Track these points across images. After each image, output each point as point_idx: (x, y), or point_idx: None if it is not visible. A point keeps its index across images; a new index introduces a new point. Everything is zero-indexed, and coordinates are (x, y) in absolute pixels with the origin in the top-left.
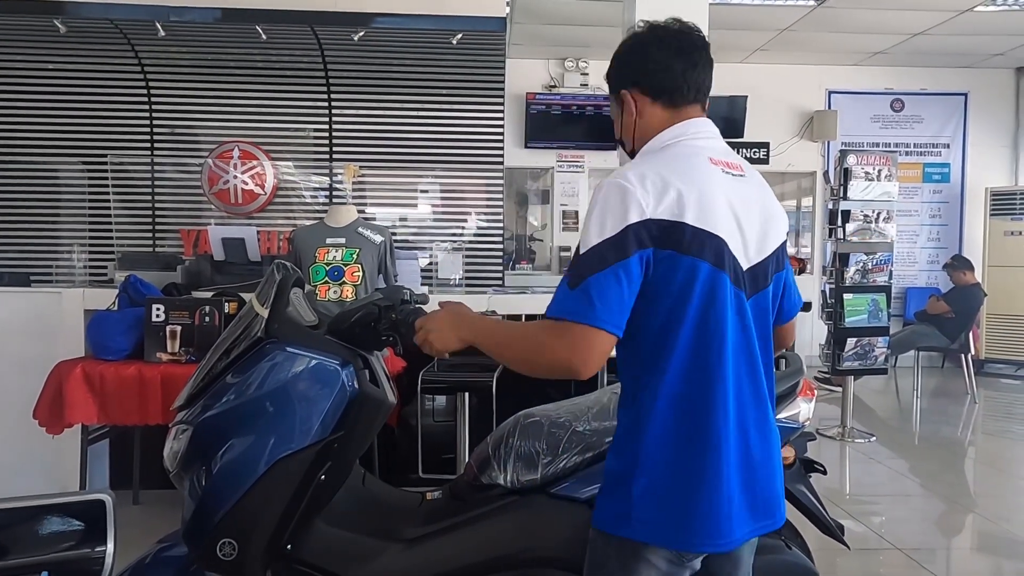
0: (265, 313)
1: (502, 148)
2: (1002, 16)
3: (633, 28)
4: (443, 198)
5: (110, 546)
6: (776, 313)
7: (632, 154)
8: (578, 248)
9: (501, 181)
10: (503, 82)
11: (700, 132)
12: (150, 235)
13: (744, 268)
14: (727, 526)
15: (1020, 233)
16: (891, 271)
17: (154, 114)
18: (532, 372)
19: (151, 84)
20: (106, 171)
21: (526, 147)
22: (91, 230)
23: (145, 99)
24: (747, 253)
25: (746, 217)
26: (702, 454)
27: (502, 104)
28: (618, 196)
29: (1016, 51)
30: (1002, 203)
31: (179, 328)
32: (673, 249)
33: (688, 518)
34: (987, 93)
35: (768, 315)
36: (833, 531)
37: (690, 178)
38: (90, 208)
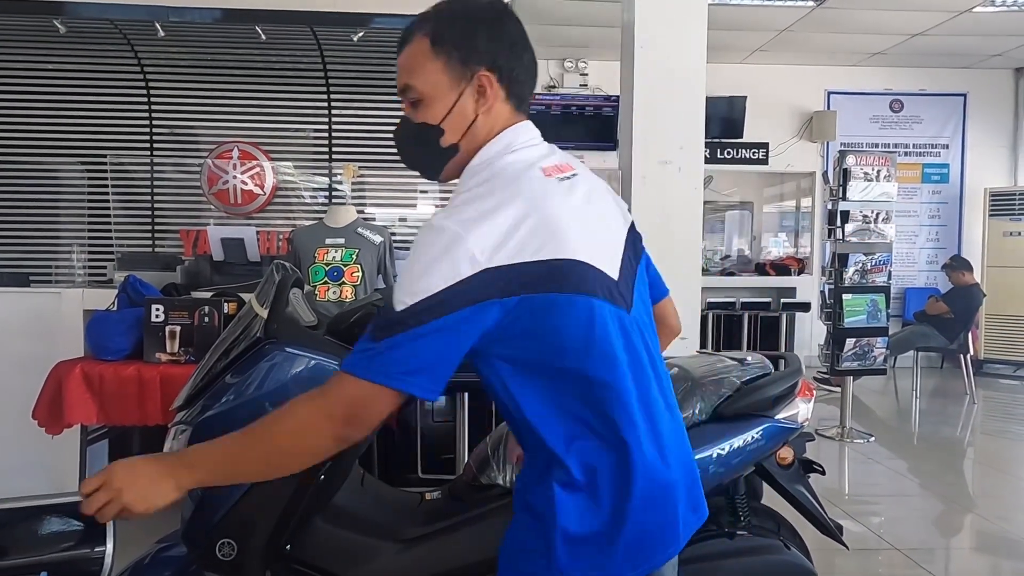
0: (264, 313)
1: None
2: (1001, 17)
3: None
4: (442, 198)
5: (109, 546)
6: None
7: (449, 151)
8: (392, 299)
9: None
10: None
11: (529, 140)
12: (149, 235)
13: (615, 279)
14: (663, 546)
15: (1019, 234)
16: (890, 271)
17: (154, 114)
18: (308, 455)
19: (151, 84)
20: (105, 171)
21: None
22: (90, 230)
23: (145, 99)
24: (608, 261)
25: (593, 222)
26: (629, 490)
27: None
28: (444, 244)
29: (1015, 52)
30: (1001, 204)
31: (178, 328)
32: (530, 293)
33: (624, 557)
34: (986, 94)
35: (651, 313)
36: (832, 531)
37: (529, 204)
38: (89, 208)
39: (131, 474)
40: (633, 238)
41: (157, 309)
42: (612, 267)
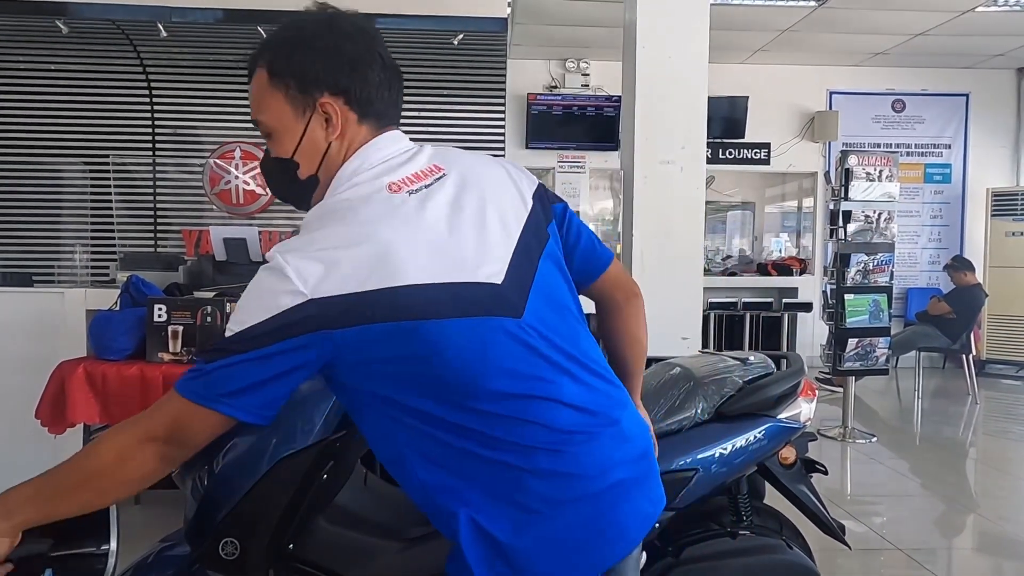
0: None
1: (503, 149)
2: (1003, 17)
3: (316, 8)
4: None
5: (113, 544)
6: (582, 276)
7: (309, 182)
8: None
9: None
10: (504, 83)
11: (382, 158)
12: (152, 235)
13: (497, 283)
14: (617, 545)
15: (1021, 234)
16: (892, 272)
17: (156, 115)
18: (134, 480)
19: (153, 85)
20: (108, 171)
21: (527, 147)
22: (93, 230)
23: (147, 100)
24: (479, 268)
25: (453, 231)
26: (575, 497)
27: (503, 105)
28: (272, 278)
29: (1017, 52)
30: (1003, 204)
31: (181, 328)
32: (365, 323)
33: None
34: (988, 94)
35: (565, 301)
36: (834, 531)
37: (361, 233)
38: (92, 208)
39: None
40: (536, 221)
41: (159, 309)
42: (491, 271)
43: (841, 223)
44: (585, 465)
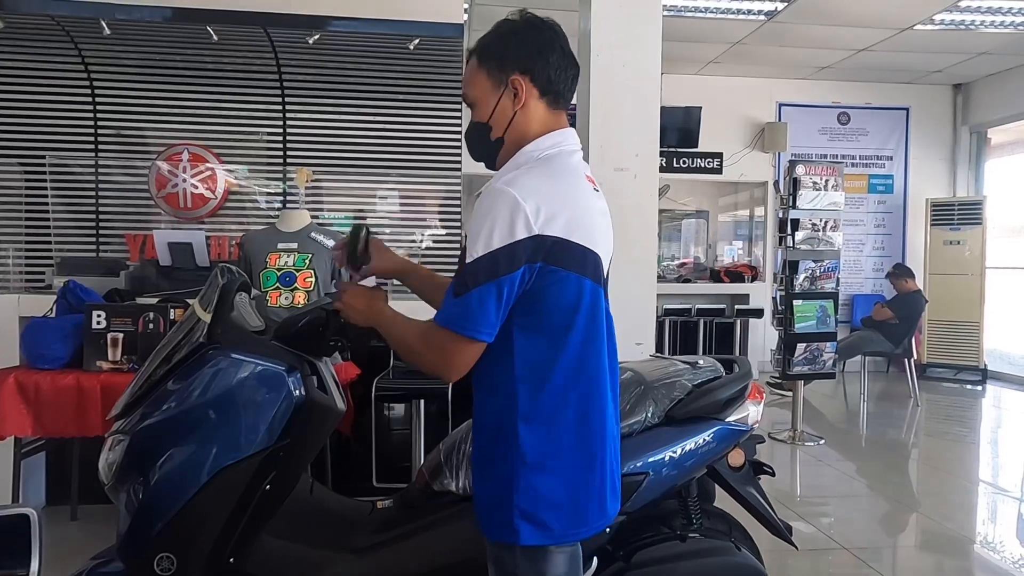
0: (207, 318)
1: (460, 154)
2: (940, 35)
3: (517, 15)
4: (400, 204)
5: (34, 565)
6: None
7: (496, 143)
8: (463, 256)
9: (459, 187)
10: (461, 89)
11: (575, 145)
12: (94, 239)
13: (605, 275)
14: (608, 510)
15: (958, 242)
16: (838, 278)
17: (99, 115)
18: (417, 367)
19: (95, 84)
20: (44, 173)
21: None
22: (28, 234)
23: (89, 99)
24: (606, 259)
25: (605, 227)
26: (593, 454)
27: (460, 110)
28: (507, 208)
29: (953, 68)
30: (941, 214)
31: (121, 335)
32: (560, 266)
33: (581, 512)
34: (927, 108)
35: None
36: (781, 532)
37: (574, 197)
38: (28, 211)
39: (358, 299)
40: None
41: (98, 315)
42: (606, 264)
43: (790, 231)
44: (607, 434)
